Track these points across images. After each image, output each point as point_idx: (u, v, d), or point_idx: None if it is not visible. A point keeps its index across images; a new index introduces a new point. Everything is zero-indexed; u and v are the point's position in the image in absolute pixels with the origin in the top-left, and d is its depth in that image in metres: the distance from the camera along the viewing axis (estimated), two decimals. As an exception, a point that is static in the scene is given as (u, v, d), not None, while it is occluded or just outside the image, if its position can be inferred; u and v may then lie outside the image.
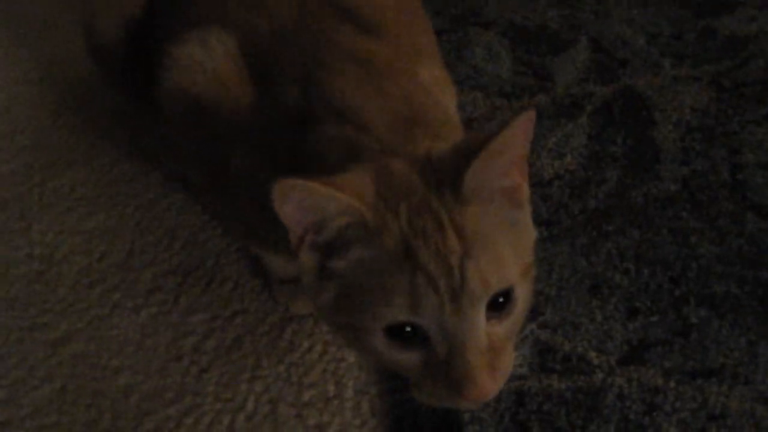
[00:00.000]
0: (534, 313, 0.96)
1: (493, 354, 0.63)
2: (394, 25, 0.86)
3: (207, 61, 0.85)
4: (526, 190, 0.67)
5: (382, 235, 0.62)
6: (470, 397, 0.62)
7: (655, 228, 1.04)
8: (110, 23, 1.04)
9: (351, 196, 0.61)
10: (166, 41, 0.89)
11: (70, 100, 1.31)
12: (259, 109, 0.81)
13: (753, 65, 1.24)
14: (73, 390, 0.97)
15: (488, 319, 0.63)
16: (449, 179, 0.63)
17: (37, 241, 1.12)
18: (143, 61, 0.97)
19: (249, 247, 0.97)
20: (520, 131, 0.62)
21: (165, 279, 1.07)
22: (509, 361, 0.66)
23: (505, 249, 0.64)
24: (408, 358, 0.64)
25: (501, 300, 0.63)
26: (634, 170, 1.11)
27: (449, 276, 0.60)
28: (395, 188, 0.64)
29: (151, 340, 1.01)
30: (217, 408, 0.94)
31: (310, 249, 0.65)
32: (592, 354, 0.92)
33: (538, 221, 1.03)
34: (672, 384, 0.89)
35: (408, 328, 0.62)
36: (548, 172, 1.10)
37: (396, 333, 0.63)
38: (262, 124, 0.80)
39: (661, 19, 1.33)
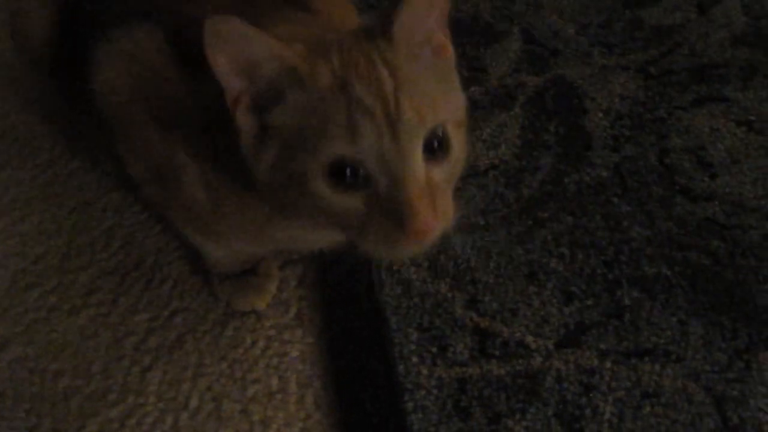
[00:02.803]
0: (473, 301, 0.98)
1: (433, 194, 0.66)
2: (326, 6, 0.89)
3: (138, 52, 0.85)
4: (451, 52, 0.72)
5: (315, 77, 0.65)
6: (413, 231, 0.64)
7: (588, 214, 1.06)
8: (36, 20, 1.02)
9: (281, 44, 0.65)
10: (97, 38, 0.88)
11: (3, 101, 1.28)
12: (195, 91, 0.81)
13: (678, 53, 1.28)
14: (12, 395, 0.95)
15: (427, 161, 0.66)
16: (379, 31, 0.67)
17: (-30, 244, 1.10)
18: (73, 59, 0.96)
19: (191, 239, 0.97)
20: None
21: (103, 280, 1.06)
22: (449, 205, 0.69)
23: (436, 94, 0.67)
24: (351, 202, 0.67)
25: (436, 144, 0.67)
26: (566, 158, 1.13)
27: (384, 106, 0.64)
28: (326, 42, 0.68)
29: (91, 342, 1.00)
30: (161, 407, 0.94)
31: (246, 111, 0.68)
32: (530, 339, 0.94)
33: (475, 211, 1.06)
34: (608, 365, 0.92)
35: (348, 171, 0.65)
36: (483, 163, 1.12)
37: (337, 174, 0.65)
38: (200, 103, 0.80)
39: (590, 10, 1.36)
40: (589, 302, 0.98)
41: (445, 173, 0.69)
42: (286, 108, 0.67)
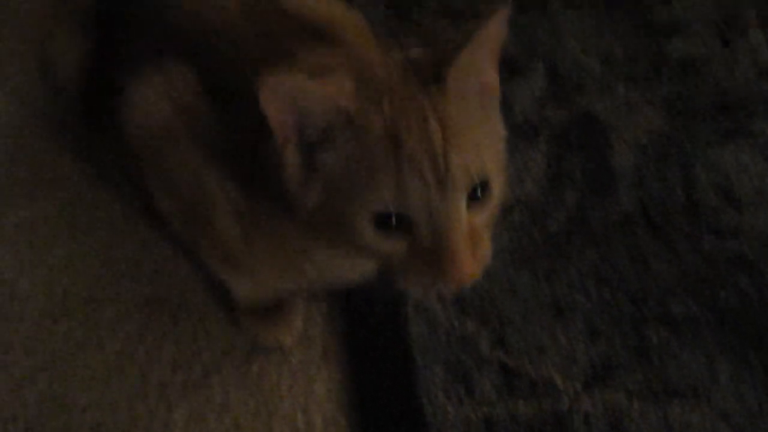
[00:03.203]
0: (499, 338, 0.97)
1: (474, 240, 0.67)
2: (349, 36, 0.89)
3: (170, 90, 0.86)
4: (497, 88, 0.72)
5: (367, 126, 0.65)
6: (454, 278, 0.66)
7: (614, 250, 1.06)
8: (67, 60, 1.04)
9: (336, 91, 0.65)
10: (128, 75, 0.89)
11: (30, 132, 1.30)
12: (227, 125, 0.81)
13: (703, 87, 1.28)
14: (39, 430, 0.96)
15: (470, 209, 0.67)
16: (431, 75, 0.67)
17: (-2, 277, 1.11)
18: (103, 93, 0.97)
19: (220, 274, 0.97)
20: (497, 25, 0.66)
21: (130, 314, 1.06)
22: (487, 249, 0.70)
23: (482, 141, 0.68)
24: (394, 245, 0.68)
25: (479, 192, 0.67)
26: (592, 193, 1.13)
27: (434, 163, 0.64)
28: (376, 84, 0.68)
29: (117, 377, 1.00)
30: (187, 443, 0.94)
31: (295, 148, 0.68)
32: (558, 378, 0.94)
33: (501, 248, 1.06)
34: (636, 405, 0.92)
35: (393, 217, 0.66)
36: (509, 199, 1.12)
37: (382, 222, 0.66)
38: (233, 136, 0.81)
39: (614, 43, 1.36)
40: (617, 340, 0.97)
41: (486, 218, 0.70)
42: (337, 150, 0.67)
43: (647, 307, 1.00)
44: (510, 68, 1.31)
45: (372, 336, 1.01)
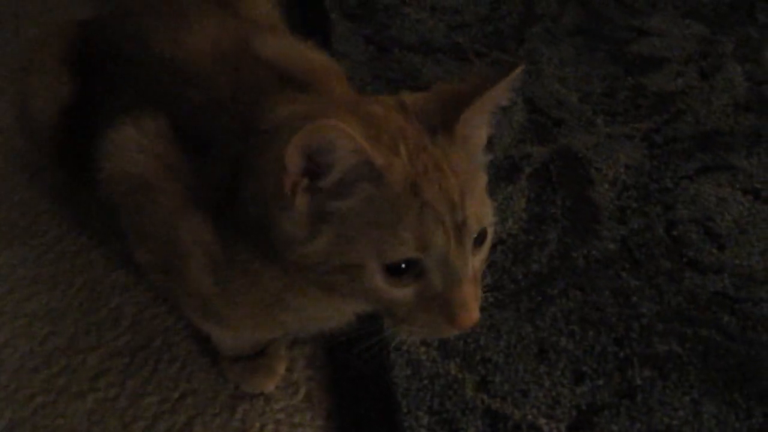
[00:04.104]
0: (483, 381, 0.97)
1: (476, 283, 0.69)
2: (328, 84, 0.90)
3: (143, 140, 0.85)
4: (486, 137, 0.73)
5: (389, 173, 0.64)
6: (464, 323, 0.67)
7: (597, 289, 1.06)
8: (44, 106, 1.03)
9: (360, 134, 0.62)
10: (103, 126, 0.89)
11: (8, 176, 1.29)
12: (197, 174, 0.81)
13: (682, 121, 1.29)
14: (19, 484, 0.94)
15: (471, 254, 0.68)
16: (440, 123, 0.67)
17: (-23, 325, 1.09)
18: (79, 146, 0.96)
19: (199, 325, 0.97)
20: (509, 84, 0.68)
21: (111, 361, 1.05)
22: (480, 291, 0.71)
23: (482, 189, 0.70)
24: (403, 294, 0.67)
25: (479, 236, 0.68)
26: (574, 231, 1.13)
27: (453, 213, 0.65)
28: (385, 130, 0.67)
29: (98, 428, 0.98)
30: (170, 495, 0.93)
31: (305, 192, 0.66)
32: (542, 421, 0.94)
33: (484, 288, 1.05)
34: (621, 448, 0.91)
35: (404, 264, 0.65)
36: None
37: (394, 269, 0.66)
38: (208, 186, 0.80)
39: (592, 78, 1.37)
40: (600, 382, 0.97)
41: (482, 260, 0.71)
42: (354, 198, 0.66)
43: (631, 347, 1.00)
44: (490, 105, 1.31)
45: (356, 380, 1.00)
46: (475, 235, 0.67)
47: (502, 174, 1.21)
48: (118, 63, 0.94)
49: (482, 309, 0.69)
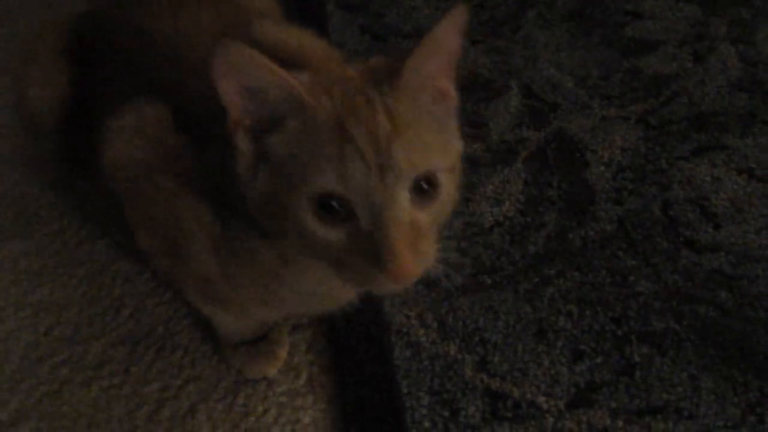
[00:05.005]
0: (483, 361, 0.98)
1: (416, 236, 0.67)
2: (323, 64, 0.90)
3: (144, 127, 0.86)
4: (454, 98, 0.73)
5: (316, 109, 0.67)
6: (391, 273, 0.64)
7: (594, 269, 1.07)
8: (43, 97, 1.04)
9: (289, 75, 0.66)
10: (103, 115, 0.90)
11: (9, 170, 1.30)
12: (200, 159, 0.82)
13: (677, 103, 1.30)
14: (26, 472, 0.96)
15: (413, 203, 0.67)
16: (386, 75, 0.69)
17: (-19, 318, 1.11)
18: (79, 137, 0.97)
19: (202, 309, 0.98)
20: (452, 26, 0.68)
21: (115, 349, 1.06)
22: (431, 248, 0.69)
23: (431, 139, 0.69)
24: (334, 234, 0.67)
25: (426, 186, 0.68)
26: (570, 213, 1.14)
27: (377, 150, 0.65)
28: (331, 78, 0.70)
29: (103, 414, 1.00)
30: (175, 479, 0.94)
31: (246, 134, 0.70)
32: (542, 399, 0.95)
33: (482, 269, 1.06)
34: (620, 423, 0.92)
35: (335, 203, 0.66)
36: (488, 220, 1.13)
37: (324, 207, 0.66)
38: (206, 170, 0.81)
39: (588, 61, 1.38)
40: (599, 360, 0.98)
41: (432, 216, 0.69)
42: (284, 135, 0.68)
43: (629, 326, 1.01)
44: (485, 89, 1.32)
45: (357, 364, 1.01)
46: (411, 179, 0.66)
47: (498, 158, 1.22)
48: (117, 53, 0.95)
49: (478, 290, 0.68)
